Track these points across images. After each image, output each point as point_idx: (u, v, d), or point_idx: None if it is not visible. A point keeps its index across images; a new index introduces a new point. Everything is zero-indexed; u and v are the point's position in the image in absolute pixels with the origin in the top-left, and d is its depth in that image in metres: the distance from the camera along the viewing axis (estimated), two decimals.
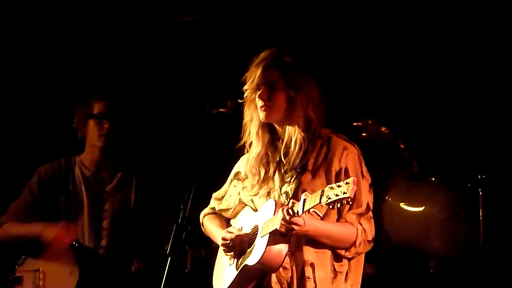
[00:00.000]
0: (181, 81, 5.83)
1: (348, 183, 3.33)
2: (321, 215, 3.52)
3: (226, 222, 4.08)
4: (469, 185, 4.73)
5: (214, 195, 4.15)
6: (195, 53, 5.87)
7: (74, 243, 4.94)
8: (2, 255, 5.18)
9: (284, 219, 3.51)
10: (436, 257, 5.10)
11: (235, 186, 4.03)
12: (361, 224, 3.68)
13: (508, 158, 5.03)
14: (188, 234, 3.46)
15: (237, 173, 4.04)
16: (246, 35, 5.67)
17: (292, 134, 3.75)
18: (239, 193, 3.99)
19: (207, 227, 4.12)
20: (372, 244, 3.73)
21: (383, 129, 5.18)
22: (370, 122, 5.18)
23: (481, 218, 4.59)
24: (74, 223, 5.00)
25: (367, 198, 3.73)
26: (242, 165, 4.01)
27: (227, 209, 4.07)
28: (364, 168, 3.78)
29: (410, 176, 5.13)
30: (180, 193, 3.90)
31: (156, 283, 4.87)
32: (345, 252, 3.68)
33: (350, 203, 3.40)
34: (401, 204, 5.16)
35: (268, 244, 3.60)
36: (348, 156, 3.74)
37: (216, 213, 4.13)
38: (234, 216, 4.04)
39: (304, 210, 3.45)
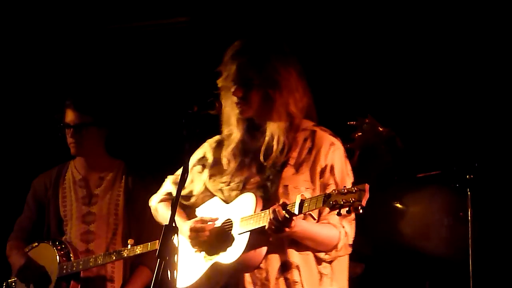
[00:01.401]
0: (170, 82, 5.83)
1: (362, 191, 3.18)
2: (316, 218, 3.40)
3: (184, 210, 3.89)
4: (457, 185, 4.74)
5: (171, 179, 3.96)
6: (185, 54, 5.86)
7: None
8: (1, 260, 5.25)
9: (275, 219, 3.37)
10: (433, 257, 5.10)
11: (198, 172, 3.85)
12: (343, 227, 3.54)
13: (496, 158, 5.05)
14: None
15: (202, 159, 3.86)
16: (236, 36, 5.66)
17: (275, 132, 3.61)
18: (204, 181, 3.81)
19: (165, 214, 3.90)
20: (352, 247, 3.61)
21: (380, 129, 5.16)
22: (367, 120, 5.16)
23: (469, 218, 4.60)
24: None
25: None
26: (208, 151, 3.84)
27: (188, 196, 3.88)
28: (349, 166, 3.67)
29: (398, 176, 5.14)
30: None
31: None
32: (324, 255, 3.56)
33: (361, 212, 3.21)
34: (398, 204, 5.16)
35: (248, 243, 3.47)
36: (335, 152, 3.61)
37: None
38: (198, 205, 3.84)
39: (302, 212, 3.33)
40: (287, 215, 3.35)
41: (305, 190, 3.54)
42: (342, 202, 3.20)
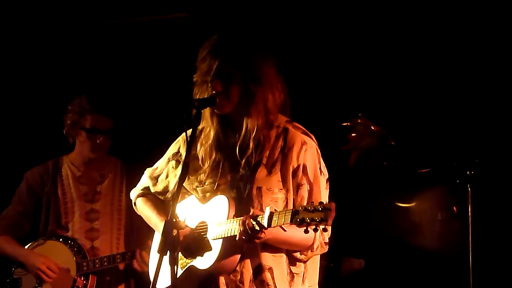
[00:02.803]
0: (170, 79, 5.81)
1: (328, 210, 3.15)
2: (287, 230, 3.34)
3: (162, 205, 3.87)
4: (458, 181, 4.74)
5: (149, 172, 3.93)
6: (185, 51, 5.85)
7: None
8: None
9: (245, 231, 3.35)
10: (428, 252, 5.11)
11: (173, 168, 3.82)
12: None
13: (497, 154, 5.05)
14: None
15: (177, 154, 3.83)
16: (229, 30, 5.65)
17: (251, 129, 3.56)
18: (178, 177, 3.66)
19: (143, 210, 3.88)
20: (328, 246, 3.58)
21: (373, 128, 5.16)
22: (359, 121, 5.16)
23: (470, 214, 4.60)
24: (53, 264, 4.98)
25: (325, 196, 3.58)
26: (182, 146, 3.80)
27: (164, 192, 3.85)
28: (322, 163, 3.62)
29: (399, 172, 5.14)
30: None
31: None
32: (300, 255, 3.54)
33: (327, 230, 3.21)
34: (393, 201, 5.16)
35: (222, 250, 3.45)
36: (307, 151, 3.56)
37: (151, 194, 3.90)
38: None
39: (272, 226, 3.30)
40: (257, 227, 3.33)
41: (279, 191, 3.53)
42: (308, 220, 3.17)
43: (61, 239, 5.01)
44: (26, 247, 5.08)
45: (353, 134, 5.13)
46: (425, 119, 5.31)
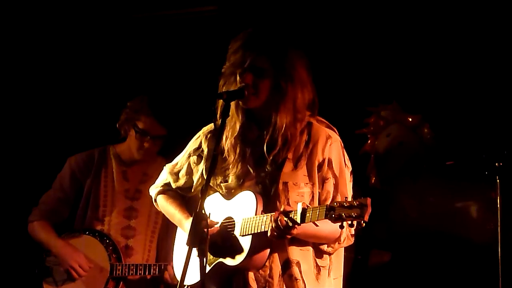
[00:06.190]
0: (198, 71, 5.84)
1: (365, 206, 3.13)
2: (319, 225, 3.33)
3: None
4: (486, 172, 4.71)
5: (168, 168, 3.90)
6: (213, 44, 5.87)
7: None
8: (32, 243, 5.13)
9: (277, 227, 3.34)
10: (475, 247, 5.08)
11: (194, 163, 3.79)
12: None
13: None
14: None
15: (198, 149, 3.80)
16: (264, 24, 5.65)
17: (280, 127, 3.53)
18: (201, 173, 3.73)
19: (165, 207, 3.88)
20: (354, 238, 3.57)
21: (408, 118, 5.11)
22: (389, 106, 5.13)
23: (498, 206, 4.57)
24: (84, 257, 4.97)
25: (350, 189, 3.59)
26: (204, 141, 3.78)
27: (186, 188, 3.84)
28: (346, 156, 3.62)
29: (427, 164, 5.11)
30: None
31: None
32: (327, 247, 3.54)
33: (363, 226, 3.19)
34: (434, 196, 5.13)
35: (251, 246, 3.45)
36: (332, 145, 3.56)
37: (172, 191, 3.89)
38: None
39: (305, 222, 3.30)
40: (290, 223, 3.33)
41: (305, 185, 3.53)
42: (344, 216, 3.17)
43: (97, 235, 4.96)
44: (62, 236, 5.03)
45: (372, 119, 5.10)
46: (453, 111, 5.27)
